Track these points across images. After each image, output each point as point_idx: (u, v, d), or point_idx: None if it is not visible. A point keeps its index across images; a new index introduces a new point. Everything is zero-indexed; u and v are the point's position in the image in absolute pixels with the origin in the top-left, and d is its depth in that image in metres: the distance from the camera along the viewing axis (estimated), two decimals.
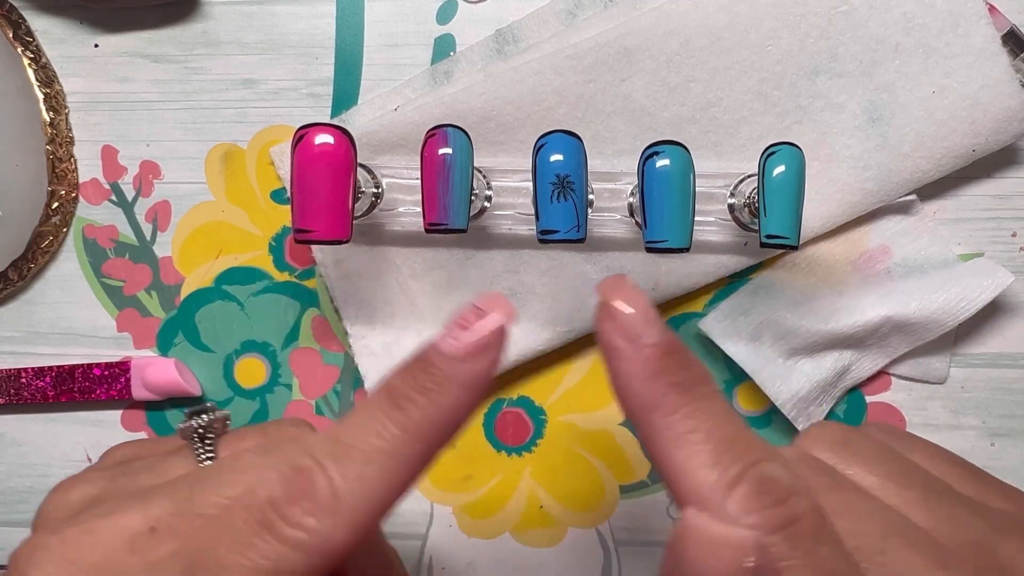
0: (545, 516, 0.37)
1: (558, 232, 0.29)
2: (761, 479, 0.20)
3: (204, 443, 0.26)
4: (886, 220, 0.34)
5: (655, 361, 0.21)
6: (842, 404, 0.36)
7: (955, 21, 0.32)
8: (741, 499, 0.20)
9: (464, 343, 0.21)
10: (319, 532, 0.20)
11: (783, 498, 0.20)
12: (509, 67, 0.33)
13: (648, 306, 0.22)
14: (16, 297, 0.37)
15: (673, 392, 0.21)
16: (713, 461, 0.20)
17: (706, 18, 0.32)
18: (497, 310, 0.21)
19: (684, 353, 0.22)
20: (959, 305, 0.33)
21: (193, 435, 0.26)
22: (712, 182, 0.32)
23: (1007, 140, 0.33)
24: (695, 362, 0.22)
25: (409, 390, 0.21)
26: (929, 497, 0.23)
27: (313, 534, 0.20)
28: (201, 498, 0.22)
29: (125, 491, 0.24)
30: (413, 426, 0.21)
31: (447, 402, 0.21)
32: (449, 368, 0.21)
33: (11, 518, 0.38)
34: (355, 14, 0.35)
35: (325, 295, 0.36)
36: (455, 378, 0.21)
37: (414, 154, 0.33)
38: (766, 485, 0.20)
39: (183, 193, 0.36)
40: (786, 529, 0.19)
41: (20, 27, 0.35)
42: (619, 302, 0.22)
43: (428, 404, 0.21)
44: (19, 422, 0.38)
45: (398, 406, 0.21)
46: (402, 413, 0.21)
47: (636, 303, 0.22)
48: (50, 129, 0.35)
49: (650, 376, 0.21)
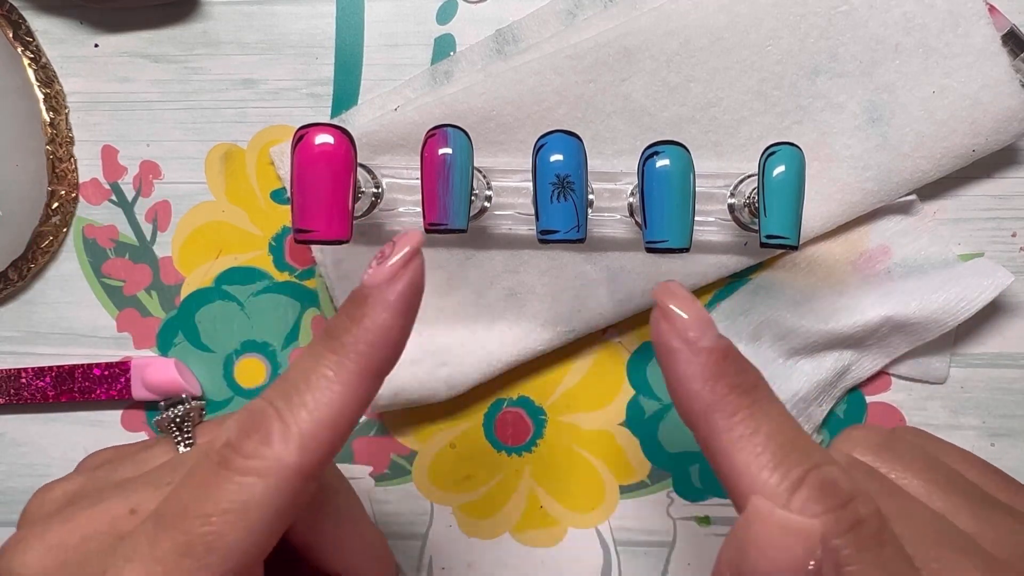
0: (545, 516, 0.37)
1: (558, 232, 0.29)
2: (823, 482, 0.20)
3: (182, 432, 0.27)
4: (886, 220, 0.34)
5: (715, 363, 0.22)
6: (842, 404, 0.36)
7: (955, 21, 0.32)
8: (804, 501, 0.20)
9: (382, 270, 0.23)
10: (271, 456, 0.21)
11: (846, 501, 0.20)
12: (509, 67, 0.33)
13: (703, 311, 0.23)
14: (16, 297, 0.37)
15: (733, 394, 0.22)
16: (775, 463, 0.21)
17: (706, 18, 0.32)
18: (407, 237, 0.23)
19: (740, 357, 0.23)
20: (959, 305, 0.33)
21: (170, 425, 0.27)
22: (712, 182, 0.32)
23: (1007, 140, 0.33)
24: (751, 366, 0.23)
25: (344, 322, 0.23)
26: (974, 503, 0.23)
27: (266, 459, 0.21)
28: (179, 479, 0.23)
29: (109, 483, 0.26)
30: (346, 349, 0.23)
31: (376, 323, 0.23)
32: (373, 295, 0.23)
33: (11, 518, 0.38)
34: (355, 14, 0.35)
35: (325, 295, 0.36)
36: (380, 301, 0.23)
37: (414, 154, 0.33)
38: (828, 488, 0.20)
39: (183, 193, 0.36)
40: (850, 532, 0.20)
41: (20, 27, 0.35)
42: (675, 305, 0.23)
43: (359, 328, 0.23)
44: (19, 422, 0.38)
45: (333, 336, 0.23)
46: (337, 342, 0.23)
47: (691, 308, 0.23)
48: (50, 129, 0.35)
49: (710, 377, 0.22)
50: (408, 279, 0.23)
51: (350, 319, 0.23)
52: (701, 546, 0.37)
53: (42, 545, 0.23)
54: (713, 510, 0.36)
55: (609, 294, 0.34)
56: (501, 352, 0.34)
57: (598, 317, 0.34)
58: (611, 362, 0.36)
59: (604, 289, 0.34)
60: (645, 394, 0.36)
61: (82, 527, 0.24)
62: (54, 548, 0.23)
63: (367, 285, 0.23)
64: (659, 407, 0.36)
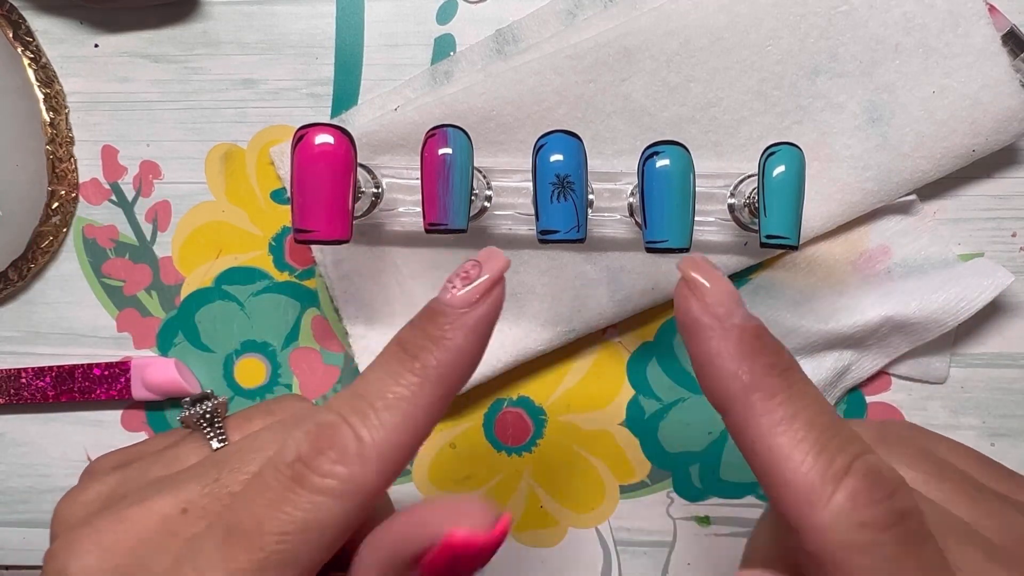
0: (545, 516, 0.37)
1: (558, 232, 0.29)
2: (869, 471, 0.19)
3: (213, 427, 0.26)
4: (886, 220, 0.34)
5: (751, 341, 0.21)
6: (842, 404, 0.36)
7: (955, 21, 0.32)
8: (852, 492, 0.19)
9: (467, 293, 0.22)
10: (349, 478, 0.21)
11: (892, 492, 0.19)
12: (509, 67, 0.33)
13: (732, 287, 0.22)
14: (16, 297, 0.37)
15: (772, 374, 0.21)
16: (818, 450, 0.20)
17: (706, 18, 0.32)
18: (493, 261, 0.23)
19: (773, 337, 0.22)
20: (959, 305, 0.33)
21: (200, 421, 0.26)
22: (712, 182, 0.32)
23: (1007, 140, 0.33)
24: (784, 347, 0.22)
25: (421, 339, 0.22)
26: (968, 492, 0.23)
27: (343, 480, 0.21)
28: (228, 477, 0.23)
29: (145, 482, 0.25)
30: (428, 371, 0.22)
31: (457, 346, 0.22)
32: (455, 316, 0.22)
33: (11, 518, 0.38)
34: (355, 14, 0.35)
35: (325, 295, 0.36)
36: (462, 324, 0.22)
37: (414, 154, 0.33)
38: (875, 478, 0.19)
39: (183, 193, 0.36)
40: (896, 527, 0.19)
41: (20, 27, 0.35)
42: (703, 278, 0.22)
43: (439, 350, 0.22)
44: (19, 422, 0.38)
45: (412, 355, 0.22)
46: (417, 361, 0.22)
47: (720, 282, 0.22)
48: (50, 129, 0.35)
49: (747, 356, 0.21)
50: (491, 304, 0.22)
51: (428, 338, 0.22)
52: (701, 546, 0.37)
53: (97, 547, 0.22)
54: (713, 510, 0.36)
55: (609, 294, 0.34)
56: (501, 352, 0.34)
57: (598, 317, 0.34)
58: (611, 362, 0.36)
59: (604, 289, 0.34)
60: (645, 394, 0.36)
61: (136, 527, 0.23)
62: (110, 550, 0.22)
63: (449, 305, 0.22)
64: (659, 407, 0.36)
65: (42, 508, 0.38)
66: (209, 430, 0.26)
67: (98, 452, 0.38)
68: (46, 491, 0.38)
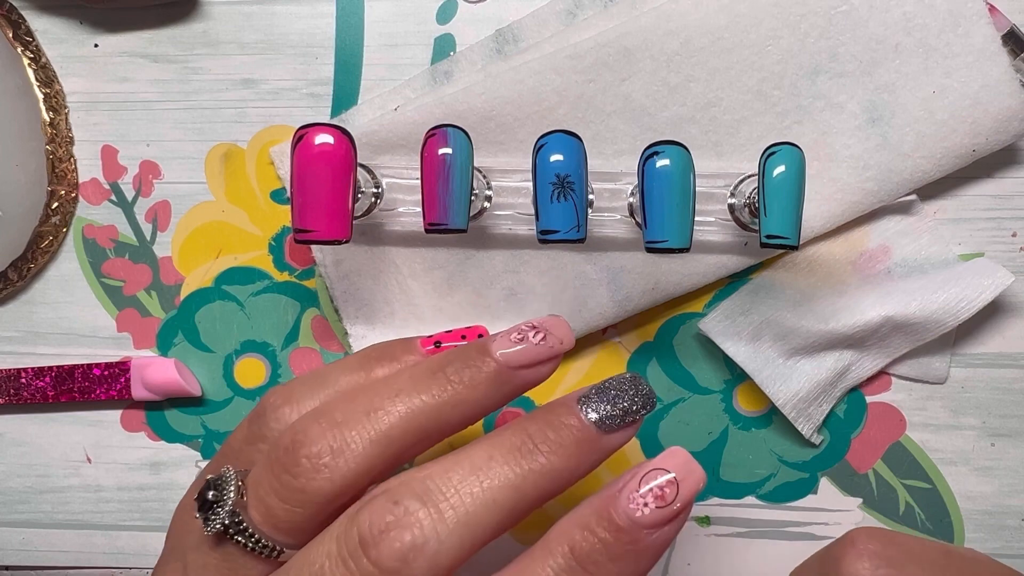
0: (545, 516, 0.37)
1: (558, 232, 0.29)
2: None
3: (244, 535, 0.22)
4: (886, 220, 0.34)
5: None
6: (842, 404, 0.36)
7: (955, 21, 0.32)
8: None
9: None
10: None
11: None
12: (509, 67, 0.33)
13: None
14: (16, 297, 0.37)
15: None
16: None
17: (706, 18, 0.32)
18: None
19: None
20: (959, 305, 0.33)
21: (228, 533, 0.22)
22: (712, 182, 0.32)
23: (1007, 140, 0.33)
24: None
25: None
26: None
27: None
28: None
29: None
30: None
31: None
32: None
33: (11, 518, 0.38)
34: (355, 14, 0.35)
35: (325, 295, 0.36)
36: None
37: (414, 154, 0.33)
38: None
39: (183, 193, 0.36)
40: None
41: (20, 27, 0.35)
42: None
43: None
44: (19, 422, 0.38)
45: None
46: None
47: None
48: (50, 129, 0.35)
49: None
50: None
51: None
52: (701, 546, 0.37)
53: None
54: (713, 510, 0.36)
55: (609, 294, 0.34)
56: None
57: (598, 317, 0.34)
58: (611, 362, 0.36)
59: (604, 289, 0.34)
60: None
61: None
62: None
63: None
64: (659, 407, 0.36)
65: (42, 508, 0.38)
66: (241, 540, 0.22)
67: (98, 452, 0.38)
68: (46, 491, 0.38)
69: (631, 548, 0.20)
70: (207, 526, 0.22)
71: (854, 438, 0.36)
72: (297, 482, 0.22)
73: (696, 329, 0.35)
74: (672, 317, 0.36)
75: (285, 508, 0.22)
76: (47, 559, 0.38)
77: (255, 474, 0.23)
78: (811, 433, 0.35)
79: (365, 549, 0.20)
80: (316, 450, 0.22)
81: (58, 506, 0.38)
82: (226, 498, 0.22)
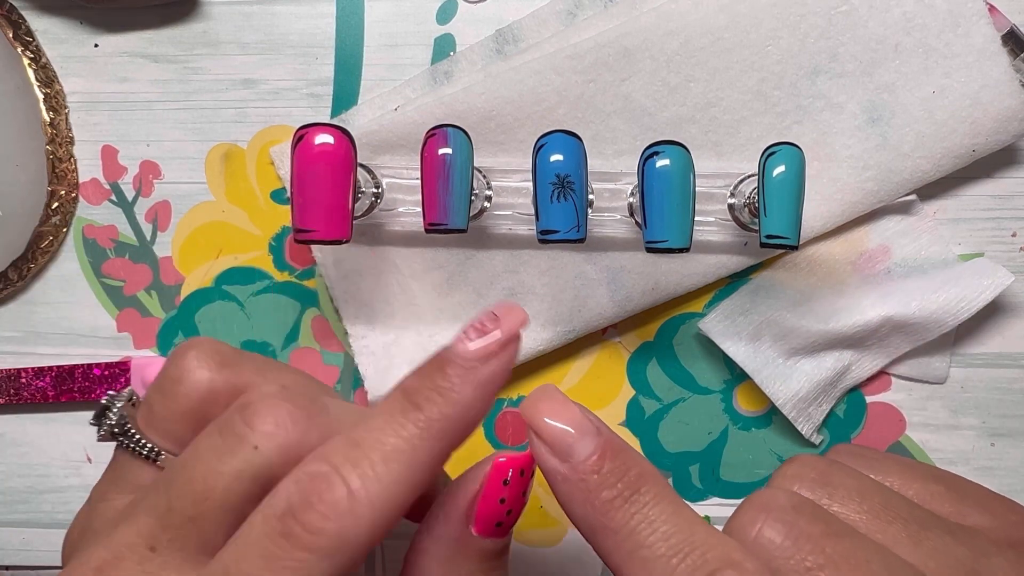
0: (545, 516, 0.37)
1: (558, 232, 0.29)
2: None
3: (128, 436, 0.25)
4: (886, 220, 0.34)
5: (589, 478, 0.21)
6: (842, 404, 0.36)
7: (955, 21, 0.32)
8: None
9: (479, 346, 0.21)
10: (338, 534, 0.20)
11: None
12: (509, 67, 0.33)
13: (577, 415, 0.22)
14: (16, 297, 0.37)
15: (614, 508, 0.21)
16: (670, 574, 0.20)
17: (706, 18, 0.32)
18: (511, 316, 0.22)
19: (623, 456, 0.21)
20: (959, 305, 0.33)
21: (115, 436, 0.25)
22: (712, 182, 0.32)
23: (1007, 140, 0.33)
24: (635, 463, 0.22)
25: (426, 390, 0.21)
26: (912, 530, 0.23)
27: (332, 537, 0.20)
28: (179, 503, 0.22)
29: (108, 513, 0.24)
30: (431, 424, 0.21)
31: (463, 400, 0.21)
32: (464, 369, 0.21)
33: (11, 518, 0.38)
34: (355, 14, 0.35)
35: (325, 295, 0.36)
36: (470, 378, 0.21)
37: (414, 154, 0.33)
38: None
39: (183, 193, 0.36)
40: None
41: (20, 27, 0.35)
42: (544, 416, 0.22)
43: (445, 403, 0.21)
44: (19, 422, 0.38)
45: (416, 405, 0.21)
46: (420, 412, 0.21)
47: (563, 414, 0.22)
48: (50, 129, 0.35)
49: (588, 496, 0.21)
50: (504, 361, 0.22)
51: (435, 389, 0.21)
52: None
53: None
54: (713, 510, 0.36)
55: (609, 294, 0.34)
56: None
57: (598, 317, 0.34)
58: (611, 362, 0.36)
59: (604, 289, 0.34)
60: (645, 394, 0.36)
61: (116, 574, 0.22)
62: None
63: (459, 356, 0.21)
64: (659, 407, 0.36)
65: (42, 508, 0.38)
66: (125, 441, 0.25)
67: (98, 452, 0.38)
68: (46, 491, 0.38)
69: (457, 382, 0.21)
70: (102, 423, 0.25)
71: (854, 438, 0.36)
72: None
73: (696, 329, 0.35)
74: (672, 317, 0.36)
75: None
76: (47, 559, 0.38)
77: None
78: (811, 433, 0.35)
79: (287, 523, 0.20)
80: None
81: (58, 506, 0.38)
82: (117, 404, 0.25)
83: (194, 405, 0.25)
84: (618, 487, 0.21)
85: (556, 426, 0.22)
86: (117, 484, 0.25)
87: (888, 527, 0.23)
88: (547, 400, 0.22)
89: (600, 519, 0.21)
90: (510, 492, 0.22)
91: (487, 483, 0.22)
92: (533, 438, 0.22)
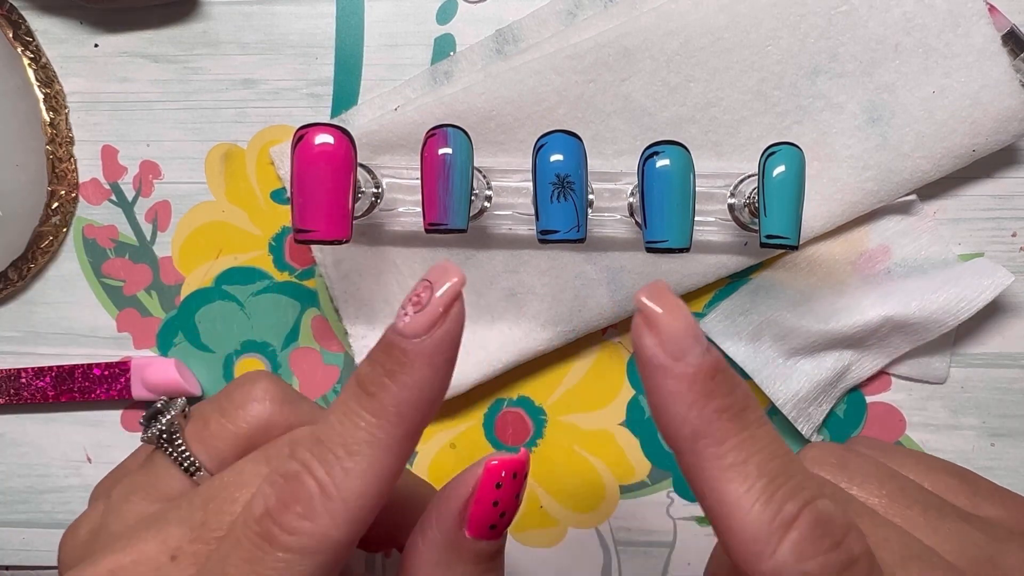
0: (545, 516, 0.37)
1: (558, 232, 0.29)
2: (818, 519, 0.19)
3: (174, 445, 0.25)
4: (886, 220, 0.34)
5: (703, 382, 0.20)
6: (842, 404, 0.36)
7: (955, 21, 0.32)
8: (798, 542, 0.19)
9: (420, 319, 0.20)
10: (315, 532, 0.20)
11: (840, 539, 0.19)
12: (509, 67, 0.33)
13: (692, 319, 0.20)
14: (16, 297, 0.37)
15: (723, 419, 0.20)
16: (767, 498, 0.19)
17: (706, 18, 0.32)
18: (447, 279, 0.21)
19: (731, 374, 0.20)
20: (959, 305, 0.33)
21: (160, 442, 0.25)
22: (712, 182, 0.32)
23: (1007, 140, 0.33)
24: (741, 384, 0.21)
25: (377, 376, 0.21)
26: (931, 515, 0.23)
27: (311, 536, 0.20)
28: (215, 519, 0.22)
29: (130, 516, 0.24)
30: (386, 410, 0.21)
31: (415, 380, 0.21)
32: (411, 346, 0.20)
33: (11, 518, 0.38)
34: (355, 14, 0.35)
35: (325, 295, 0.36)
36: (419, 355, 0.20)
37: (414, 154, 0.33)
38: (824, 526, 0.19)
39: (183, 193, 0.36)
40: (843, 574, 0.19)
41: (20, 27, 0.35)
42: (661, 309, 0.20)
43: (397, 386, 0.21)
44: (19, 422, 0.38)
45: (369, 393, 0.21)
46: (374, 400, 0.21)
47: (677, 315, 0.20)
48: (50, 129, 0.35)
49: (698, 400, 0.20)
50: (449, 327, 0.20)
51: (386, 374, 0.21)
52: (701, 546, 0.37)
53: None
54: None
55: (609, 294, 0.34)
56: (501, 352, 0.34)
57: (598, 317, 0.34)
58: (611, 362, 0.36)
59: (604, 289, 0.34)
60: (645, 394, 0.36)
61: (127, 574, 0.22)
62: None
63: (403, 335, 0.20)
64: None
65: (42, 508, 0.38)
66: (171, 449, 0.25)
67: (98, 452, 0.38)
68: (46, 491, 0.38)
69: (404, 363, 0.20)
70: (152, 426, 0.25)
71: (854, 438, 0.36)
72: None
73: None
74: None
75: None
76: (47, 559, 0.38)
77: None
78: (811, 433, 0.35)
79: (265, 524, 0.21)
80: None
81: (58, 506, 0.38)
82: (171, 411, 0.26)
83: (250, 432, 0.25)
84: (731, 398, 0.20)
85: (675, 323, 0.20)
86: (146, 489, 0.25)
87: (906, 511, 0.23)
88: (665, 296, 0.20)
89: (706, 426, 0.20)
90: (503, 495, 0.22)
91: (480, 486, 0.22)
92: (643, 329, 0.20)
